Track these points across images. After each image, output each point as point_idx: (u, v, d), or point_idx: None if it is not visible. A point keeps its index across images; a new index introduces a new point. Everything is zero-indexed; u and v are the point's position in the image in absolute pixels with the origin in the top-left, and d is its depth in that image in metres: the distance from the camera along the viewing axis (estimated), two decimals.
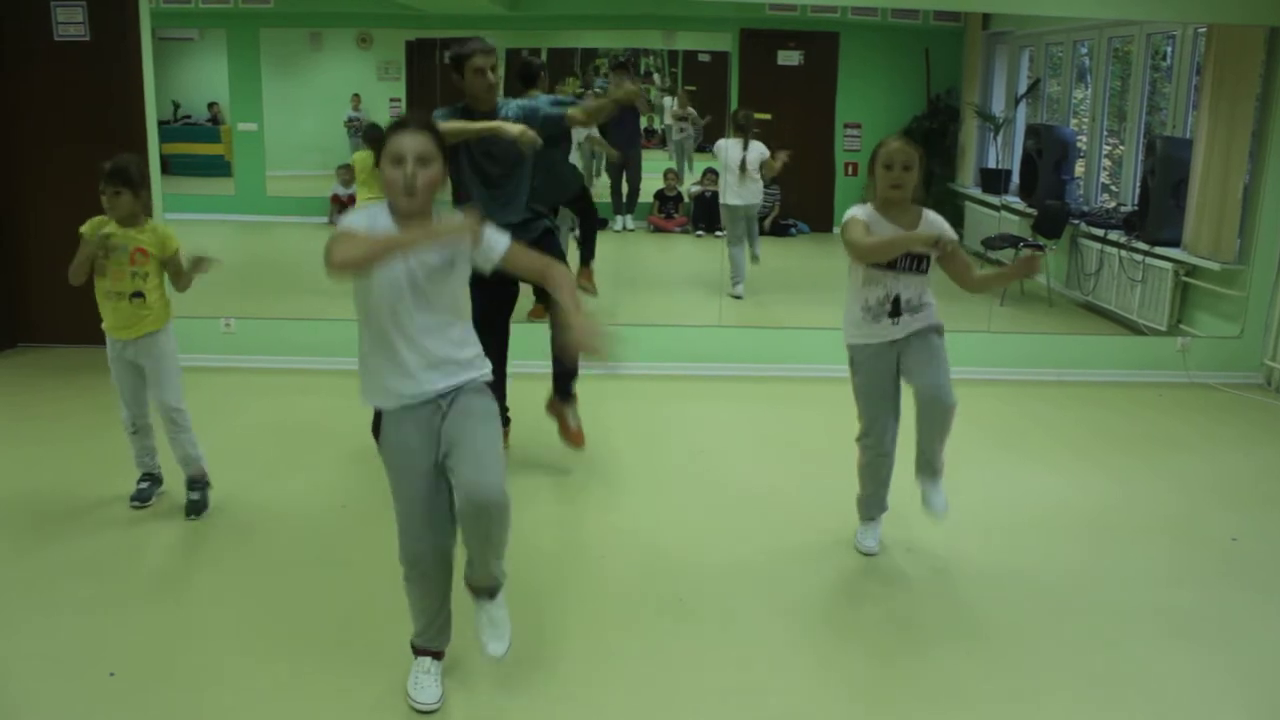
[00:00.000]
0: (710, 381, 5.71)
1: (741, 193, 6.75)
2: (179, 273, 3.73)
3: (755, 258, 6.97)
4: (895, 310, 3.40)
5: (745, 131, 6.71)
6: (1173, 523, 4.01)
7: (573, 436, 4.36)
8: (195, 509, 3.84)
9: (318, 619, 3.12)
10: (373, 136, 6.52)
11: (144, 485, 3.93)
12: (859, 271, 3.42)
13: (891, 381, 3.48)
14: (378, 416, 2.63)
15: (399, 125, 2.48)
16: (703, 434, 4.87)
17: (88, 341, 5.92)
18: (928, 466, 3.60)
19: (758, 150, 6.69)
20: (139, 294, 3.66)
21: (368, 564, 3.47)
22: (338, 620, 3.12)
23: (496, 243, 2.59)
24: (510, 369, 4.29)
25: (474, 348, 2.63)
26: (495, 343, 3.99)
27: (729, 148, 6.73)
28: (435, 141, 2.48)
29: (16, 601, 3.19)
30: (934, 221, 3.39)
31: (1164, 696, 2.83)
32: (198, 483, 3.89)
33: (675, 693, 2.79)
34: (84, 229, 3.62)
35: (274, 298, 6.41)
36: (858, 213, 3.37)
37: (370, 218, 2.50)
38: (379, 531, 3.72)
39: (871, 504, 3.66)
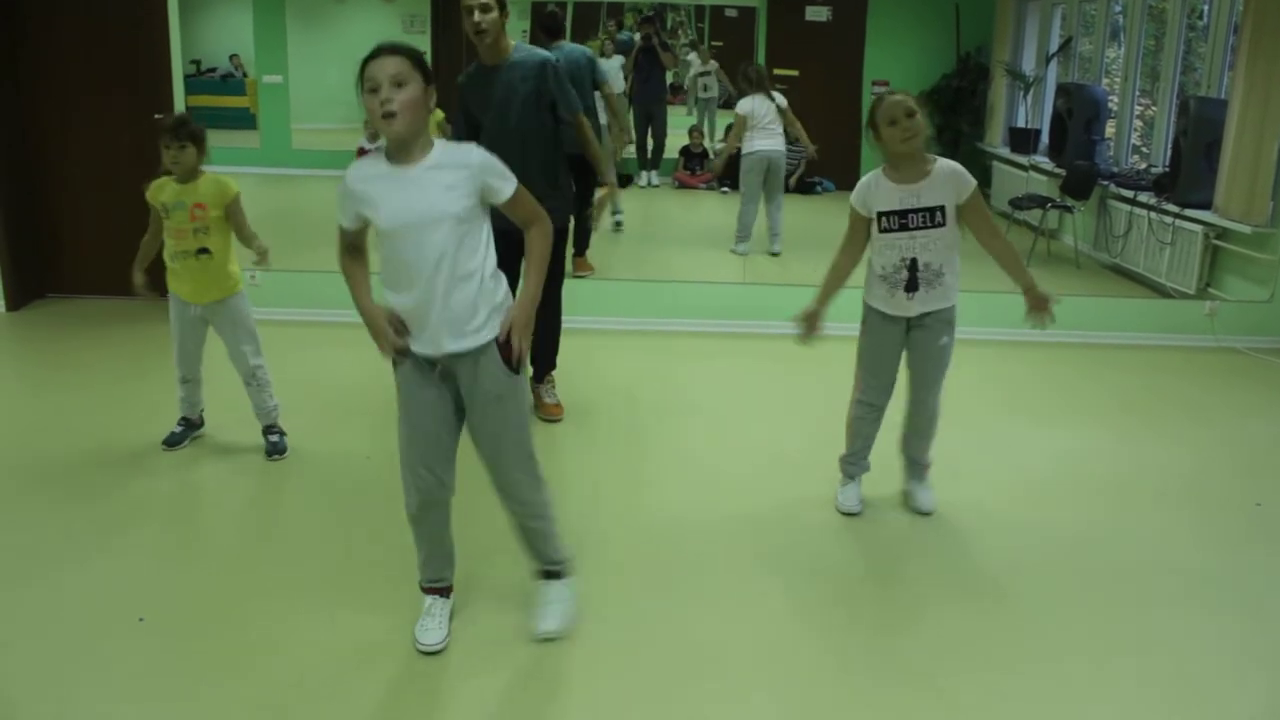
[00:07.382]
0: (734, 339, 5.70)
1: (758, 139, 6.54)
2: (241, 224, 3.73)
3: (774, 252, 6.78)
4: (913, 282, 3.28)
5: (762, 85, 6.53)
6: (1196, 487, 3.99)
7: (548, 410, 4.40)
8: (277, 449, 3.95)
9: (342, 566, 3.18)
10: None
11: (179, 429, 3.99)
12: (871, 234, 3.34)
13: (897, 350, 3.45)
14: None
15: (372, 53, 2.44)
16: (722, 390, 4.87)
17: (116, 293, 5.98)
18: (913, 465, 3.67)
19: (780, 100, 6.54)
20: (204, 250, 3.67)
21: (389, 513, 3.51)
22: (361, 567, 3.17)
23: (504, 186, 2.55)
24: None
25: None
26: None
27: (756, 104, 6.57)
28: (412, 63, 2.43)
29: (47, 549, 3.25)
30: (949, 170, 3.24)
31: (1188, 657, 2.84)
32: (274, 428, 3.98)
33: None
34: (149, 195, 3.62)
35: (300, 251, 6.41)
36: (855, 194, 3.32)
37: (364, 174, 2.52)
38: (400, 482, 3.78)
39: (855, 462, 3.64)
